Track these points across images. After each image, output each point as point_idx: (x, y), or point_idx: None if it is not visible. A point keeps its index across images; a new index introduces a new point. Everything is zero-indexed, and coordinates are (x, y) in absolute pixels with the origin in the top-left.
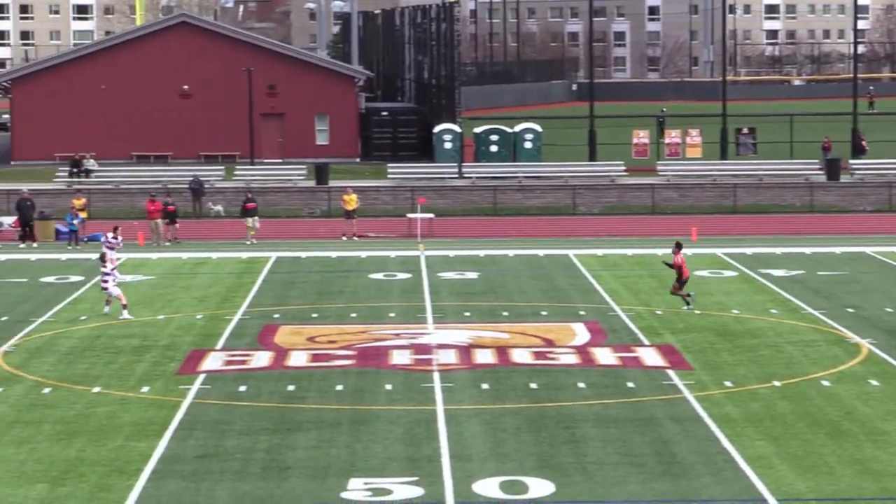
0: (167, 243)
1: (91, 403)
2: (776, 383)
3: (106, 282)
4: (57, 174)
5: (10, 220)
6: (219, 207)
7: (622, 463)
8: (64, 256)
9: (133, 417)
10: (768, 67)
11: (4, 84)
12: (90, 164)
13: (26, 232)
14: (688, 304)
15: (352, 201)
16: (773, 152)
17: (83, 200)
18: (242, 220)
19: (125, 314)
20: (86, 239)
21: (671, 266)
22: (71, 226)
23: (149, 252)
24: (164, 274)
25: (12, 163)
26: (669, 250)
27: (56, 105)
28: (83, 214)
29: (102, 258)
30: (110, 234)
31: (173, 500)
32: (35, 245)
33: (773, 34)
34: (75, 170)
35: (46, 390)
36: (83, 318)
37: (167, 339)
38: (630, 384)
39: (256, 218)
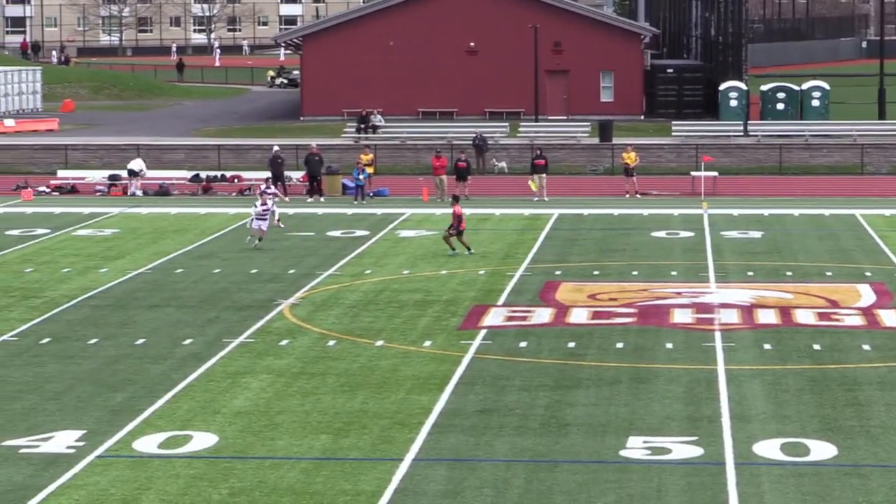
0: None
1: (374, 357)
2: None
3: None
4: (345, 130)
5: (299, 175)
6: (502, 164)
7: None
8: (350, 211)
9: (415, 371)
10: None
11: (295, 41)
12: (377, 119)
13: (314, 186)
14: (469, 249)
15: (630, 158)
16: None
17: (370, 156)
18: (528, 177)
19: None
20: (372, 194)
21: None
22: (357, 181)
23: (432, 207)
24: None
25: (301, 118)
26: None
27: (345, 61)
28: (370, 170)
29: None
30: (263, 185)
31: (453, 454)
32: (322, 199)
33: None
34: (362, 125)
35: (331, 343)
36: (368, 271)
37: (449, 294)
38: None
39: (543, 175)
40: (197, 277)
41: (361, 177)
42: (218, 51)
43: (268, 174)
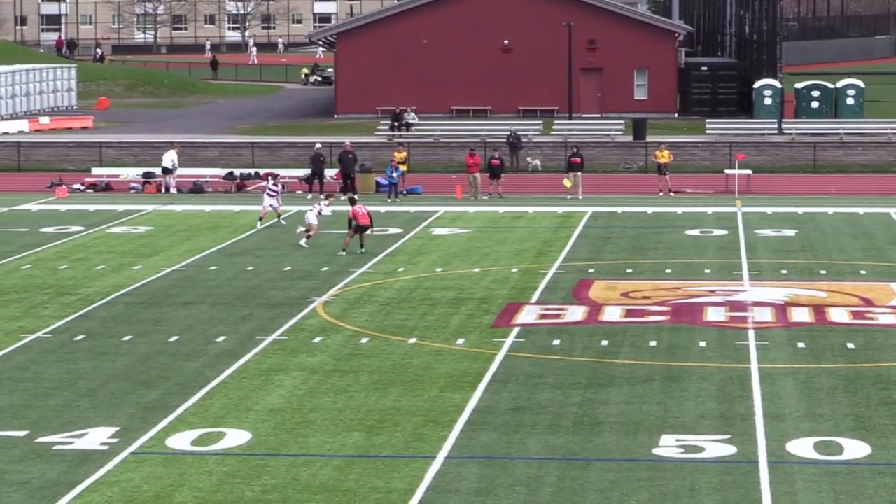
0: (485, 197)
1: (407, 354)
2: None
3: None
4: (378, 127)
5: (332, 173)
6: (536, 162)
7: None
8: (383, 209)
9: (448, 369)
10: None
11: (330, 39)
12: (411, 117)
13: (347, 184)
14: (344, 251)
15: (663, 156)
16: None
17: (404, 154)
18: (562, 176)
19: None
20: (405, 192)
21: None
22: (391, 178)
23: (466, 205)
24: (481, 227)
25: (336, 116)
26: None
27: (379, 59)
28: (403, 167)
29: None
30: (270, 182)
31: (486, 452)
32: (356, 197)
33: None
34: (396, 123)
35: (364, 340)
36: (401, 269)
37: (482, 291)
38: None
39: (579, 174)
40: (230, 275)
41: (395, 174)
42: (254, 49)
43: (307, 171)
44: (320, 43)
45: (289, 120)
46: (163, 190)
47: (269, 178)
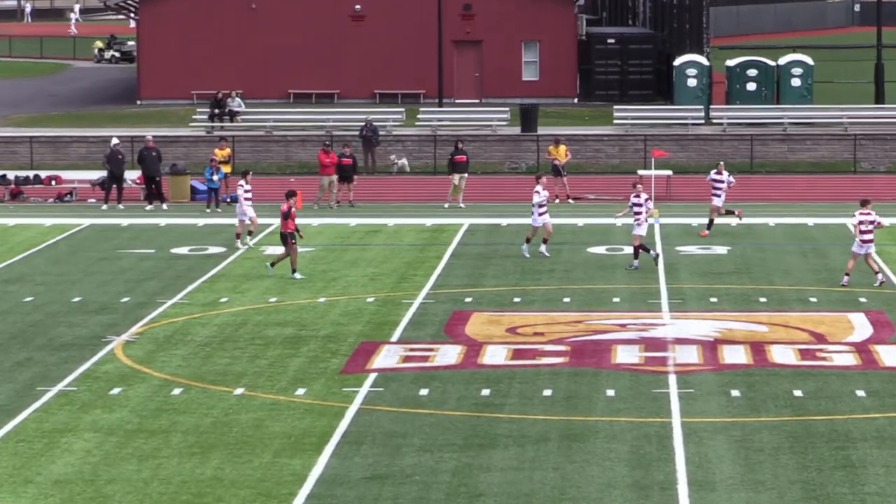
0: (334, 206)
1: (232, 409)
2: None
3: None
4: (194, 117)
5: (134, 176)
6: (403, 161)
7: None
8: (201, 222)
9: (285, 428)
10: None
11: (130, 5)
12: (235, 104)
13: (153, 190)
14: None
15: (559, 154)
16: None
17: (227, 151)
18: (448, 177)
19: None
20: (228, 199)
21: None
22: (210, 182)
23: (310, 217)
24: (328, 245)
25: (139, 102)
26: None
27: (194, 29)
28: (226, 168)
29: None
30: (244, 184)
31: None
32: (164, 207)
33: None
34: (217, 111)
35: (176, 391)
36: (224, 299)
37: (329, 327)
38: None
39: (465, 176)
40: (4, 308)
41: (216, 177)
42: (73, 15)
43: (102, 174)
44: (114, 7)
45: (79, 107)
46: None
47: (242, 177)
